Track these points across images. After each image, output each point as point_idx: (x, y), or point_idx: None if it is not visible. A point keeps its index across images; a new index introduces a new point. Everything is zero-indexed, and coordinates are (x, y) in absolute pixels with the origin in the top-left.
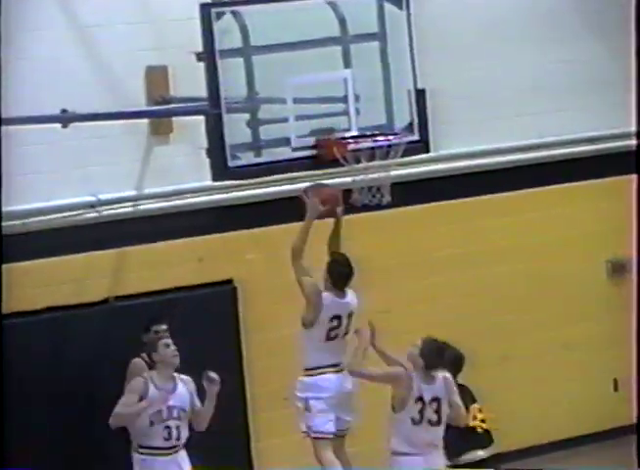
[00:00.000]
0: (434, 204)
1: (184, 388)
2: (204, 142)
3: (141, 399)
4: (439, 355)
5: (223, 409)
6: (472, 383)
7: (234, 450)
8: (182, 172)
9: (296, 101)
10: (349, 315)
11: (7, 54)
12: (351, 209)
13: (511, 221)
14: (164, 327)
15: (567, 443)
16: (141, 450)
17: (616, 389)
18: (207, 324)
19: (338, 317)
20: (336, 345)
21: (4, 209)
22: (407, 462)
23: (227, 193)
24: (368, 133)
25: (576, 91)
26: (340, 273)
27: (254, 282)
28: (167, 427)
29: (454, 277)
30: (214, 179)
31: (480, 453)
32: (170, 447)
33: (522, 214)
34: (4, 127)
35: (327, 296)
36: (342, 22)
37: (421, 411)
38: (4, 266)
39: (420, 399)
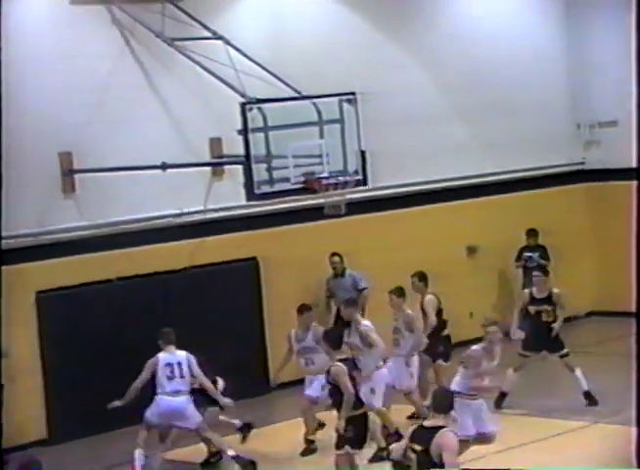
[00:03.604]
0: (369, 214)
1: None
2: (241, 179)
3: None
4: None
5: (247, 336)
6: None
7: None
8: (229, 196)
9: (293, 157)
10: None
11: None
12: (323, 217)
13: (416, 224)
14: None
15: None
16: None
17: (471, 316)
18: (241, 284)
19: None
20: None
21: (129, 217)
22: None
23: (253, 208)
24: (333, 175)
25: (455, 151)
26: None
27: (269, 259)
28: None
29: (382, 257)
30: (247, 200)
31: None
32: None
33: (422, 220)
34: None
35: None
36: (319, 113)
37: None
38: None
39: None
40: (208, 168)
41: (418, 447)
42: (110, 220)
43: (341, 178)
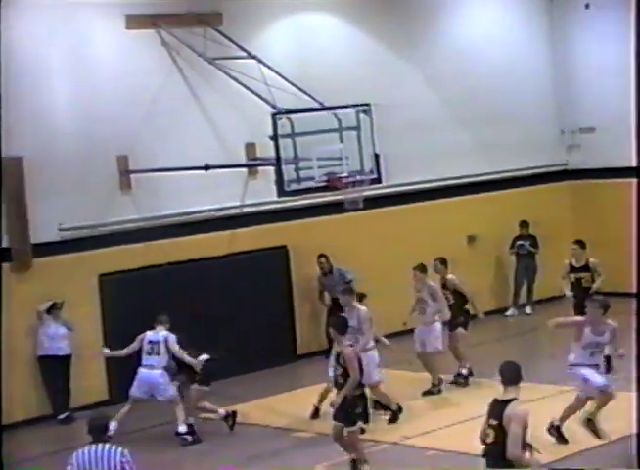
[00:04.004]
0: (384, 208)
1: None
2: (272, 178)
3: None
4: None
5: (277, 314)
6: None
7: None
8: (262, 193)
9: (317, 159)
10: None
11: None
12: (344, 211)
13: (423, 217)
14: None
15: None
16: None
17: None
18: (272, 269)
19: None
20: None
21: (177, 211)
22: None
23: (284, 203)
24: (352, 174)
25: (455, 154)
26: None
27: (297, 247)
28: None
29: (394, 244)
30: (278, 196)
31: None
32: None
33: (428, 213)
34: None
35: None
36: (339, 121)
37: None
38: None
39: None
40: (244, 169)
41: (494, 422)
42: (160, 214)
43: (358, 177)
